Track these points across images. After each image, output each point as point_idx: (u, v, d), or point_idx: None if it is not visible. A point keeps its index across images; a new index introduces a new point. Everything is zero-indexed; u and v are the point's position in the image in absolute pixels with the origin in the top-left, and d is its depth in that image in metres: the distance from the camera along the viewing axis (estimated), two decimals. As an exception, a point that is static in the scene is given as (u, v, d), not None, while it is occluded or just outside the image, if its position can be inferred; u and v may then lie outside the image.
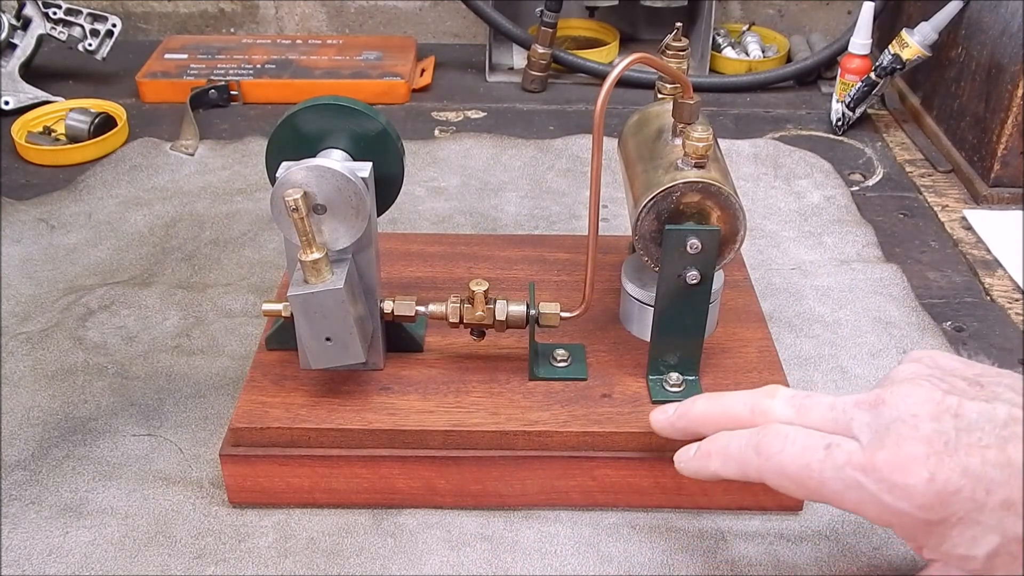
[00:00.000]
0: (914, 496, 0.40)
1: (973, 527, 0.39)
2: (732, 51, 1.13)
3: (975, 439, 0.39)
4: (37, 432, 0.60)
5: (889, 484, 0.40)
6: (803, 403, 0.45)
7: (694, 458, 0.48)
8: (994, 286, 0.75)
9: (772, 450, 0.43)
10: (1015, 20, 0.82)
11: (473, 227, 0.82)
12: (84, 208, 0.84)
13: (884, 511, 0.41)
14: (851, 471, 0.41)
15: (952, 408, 0.41)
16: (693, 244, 0.51)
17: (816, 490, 0.42)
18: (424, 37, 1.22)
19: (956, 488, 0.39)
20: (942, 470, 0.39)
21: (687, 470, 0.48)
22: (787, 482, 0.43)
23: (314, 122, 0.53)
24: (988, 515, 0.39)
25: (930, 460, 0.39)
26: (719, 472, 0.46)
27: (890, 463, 0.40)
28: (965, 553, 0.40)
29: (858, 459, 0.41)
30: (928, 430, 0.40)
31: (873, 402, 0.42)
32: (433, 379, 0.56)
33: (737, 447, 0.45)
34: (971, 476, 0.39)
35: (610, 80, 0.47)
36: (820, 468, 0.42)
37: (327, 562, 0.51)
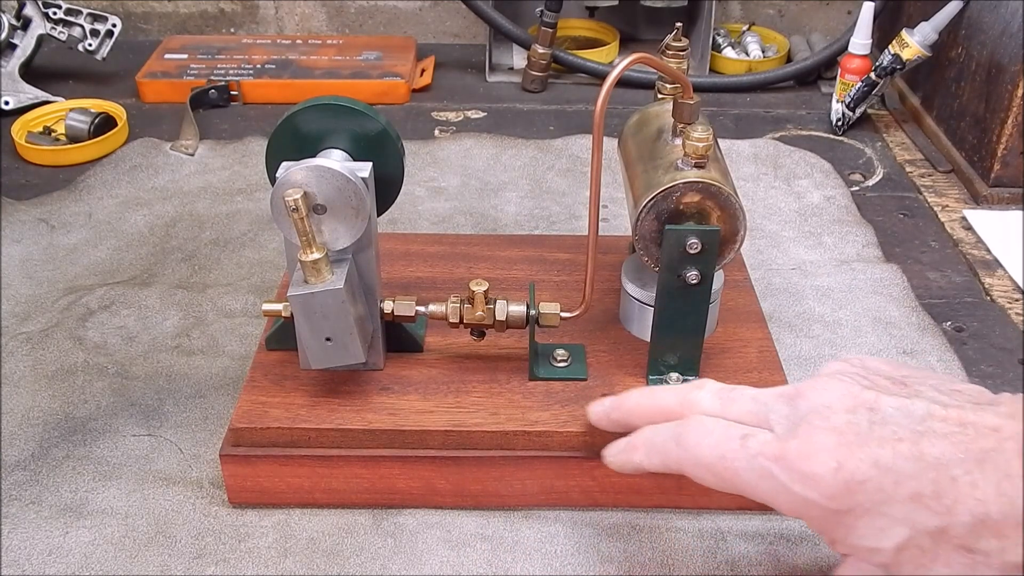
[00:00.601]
0: (821, 485, 0.40)
1: (880, 519, 0.39)
2: (732, 51, 1.13)
3: (888, 432, 0.39)
4: (37, 432, 0.60)
5: (797, 473, 0.40)
6: (728, 396, 0.45)
7: (622, 451, 0.48)
8: (994, 286, 0.75)
9: (691, 441, 0.44)
10: (1015, 20, 0.82)
11: (473, 227, 0.82)
12: (84, 208, 0.84)
13: (794, 501, 0.41)
14: (763, 461, 0.41)
15: (868, 402, 0.41)
16: (693, 244, 0.51)
17: (731, 480, 0.42)
18: (424, 37, 1.22)
19: (864, 478, 0.39)
20: (850, 460, 0.39)
21: (614, 463, 0.48)
22: (705, 472, 0.43)
23: (314, 122, 0.53)
24: (896, 507, 0.39)
25: (839, 450, 0.39)
26: (643, 464, 0.47)
27: (799, 452, 0.40)
28: (873, 545, 0.39)
29: (770, 449, 0.41)
30: (840, 421, 0.40)
31: (792, 395, 0.43)
32: (433, 379, 0.56)
33: (660, 439, 0.46)
34: (880, 467, 0.39)
35: (610, 80, 0.47)
36: (734, 458, 0.42)
37: (327, 562, 0.51)
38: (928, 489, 0.38)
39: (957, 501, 0.38)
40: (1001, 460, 0.38)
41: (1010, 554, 0.37)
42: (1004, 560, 0.37)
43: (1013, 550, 0.37)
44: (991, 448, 0.38)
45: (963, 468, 0.38)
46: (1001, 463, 0.37)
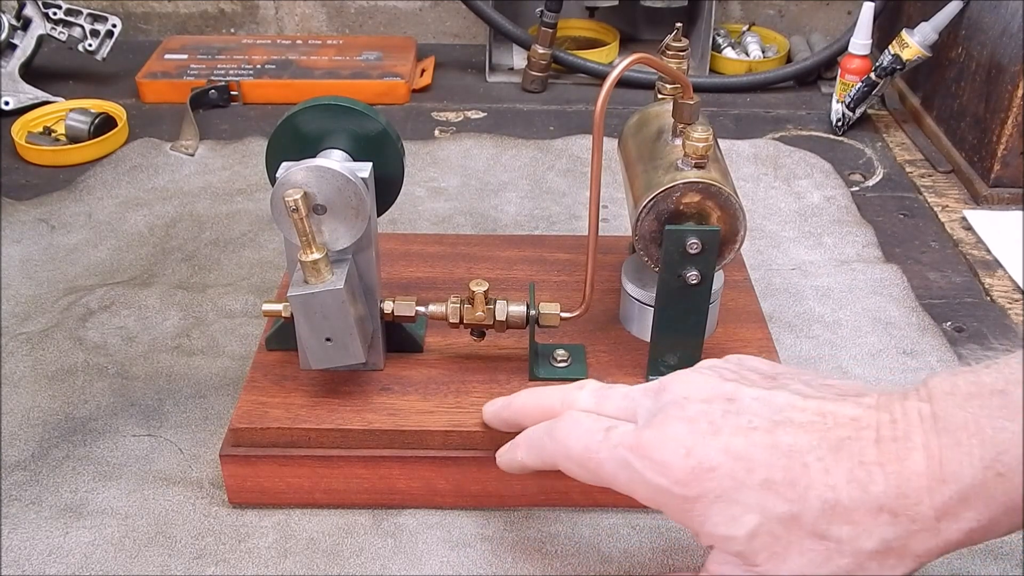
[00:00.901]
0: (671, 472, 0.40)
1: (732, 506, 0.39)
2: (732, 51, 1.14)
3: (744, 421, 0.40)
4: (37, 432, 0.60)
5: (650, 461, 0.41)
6: (603, 393, 0.46)
7: (507, 450, 0.49)
8: (994, 286, 0.75)
9: (562, 435, 0.45)
10: (1015, 20, 0.82)
11: (473, 227, 0.82)
12: (84, 208, 0.84)
13: (649, 489, 0.41)
14: (622, 451, 0.42)
15: (727, 393, 0.41)
16: (693, 244, 0.51)
17: (596, 471, 0.43)
18: (424, 37, 1.22)
19: (713, 465, 0.39)
20: (700, 447, 0.40)
21: (501, 463, 0.50)
22: (573, 465, 0.44)
23: (314, 122, 0.53)
24: (747, 494, 0.39)
25: (689, 437, 0.40)
26: (524, 461, 0.48)
27: (652, 441, 0.41)
28: (726, 533, 0.39)
29: (628, 439, 0.42)
30: (694, 411, 0.41)
31: (656, 388, 0.44)
32: (433, 379, 0.56)
33: (536, 434, 0.47)
34: (731, 455, 0.39)
35: (610, 80, 0.47)
36: (597, 449, 0.43)
37: (327, 562, 0.51)
38: (780, 476, 0.38)
39: (808, 487, 0.38)
40: (856, 448, 0.38)
41: (864, 541, 0.37)
42: (857, 547, 0.37)
43: (866, 537, 0.37)
44: (847, 436, 0.38)
45: (816, 455, 0.38)
46: (855, 450, 0.38)
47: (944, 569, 0.51)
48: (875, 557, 0.37)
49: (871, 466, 0.37)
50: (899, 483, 0.37)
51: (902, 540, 0.37)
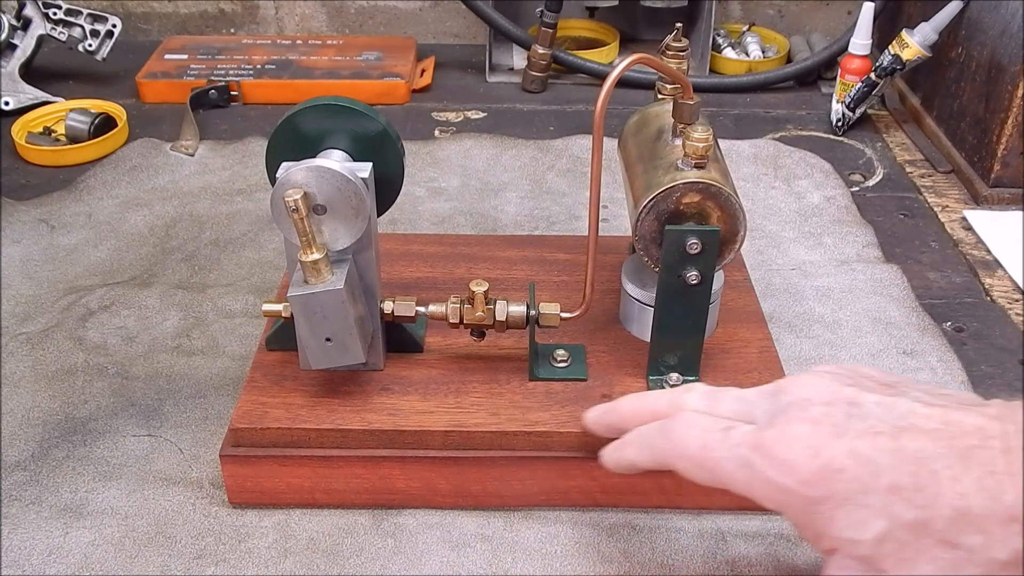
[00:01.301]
0: (797, 471, 0.40)
1: (859, 510, 0.39)
2: (732, 51, 1.14)
3: (868, 426, 0.39)
4: (37, 432, 0.60)
5: (774, 460, 0.40)
6: (715, 395, 0.46)
7: (616, 449, 0.49)
8: (994, 286, 0.75)
9: (678, 434, 0.44)
10: (1015, 20, 0.82)
11: (473, 227, 0.82)
12: (84, 208, 0.84)
13: (771, 489, 0.41)
14: (742, 450, 0.41)
15: (849, 397, 0.41)
16: (693, 244, 0.51)
17: (713, 471, 0.43)
18: (424, 37, 1.22)
19: (840, 467, 0.39)
20: (827, 448, 0.39)
21: (608, 461, 0.49)
22: (689, 464, 0.44)
23: (314, 122, 0.53)
24: (875, 498, 0.38)
25: (815, 438, 0.40)
26: (635, 460, 0.47)
27: (776, 440, 0.40)
28: (852, 537, 0.39)
29: (749, 438, 0.41)
30: (818, 412, 0.40)
31: (773, 391, 0.43)
32: (433, 379, 0.56)
33: (650, 433, 0.47)
34: (858, 458, 0.39)
35: (610, 80, 0.47)
36: (716, 448, 0.42)
37: (327, 562, 0.51)
38: (907, 481, 0.38)
39: (938, 495, 0.37)
40: (985, 457, 0.37)
41: (995, 551, 0.37)
42: (989, 557, 0.37)
43: (998, 547, 0.37)
44: (975, 445, 0.38)
45: (944, 463, 0.37)
46: (985, 459, 0.37)
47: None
48: (1007, 568, 0.37)
49: (1001, 476, 0.37)
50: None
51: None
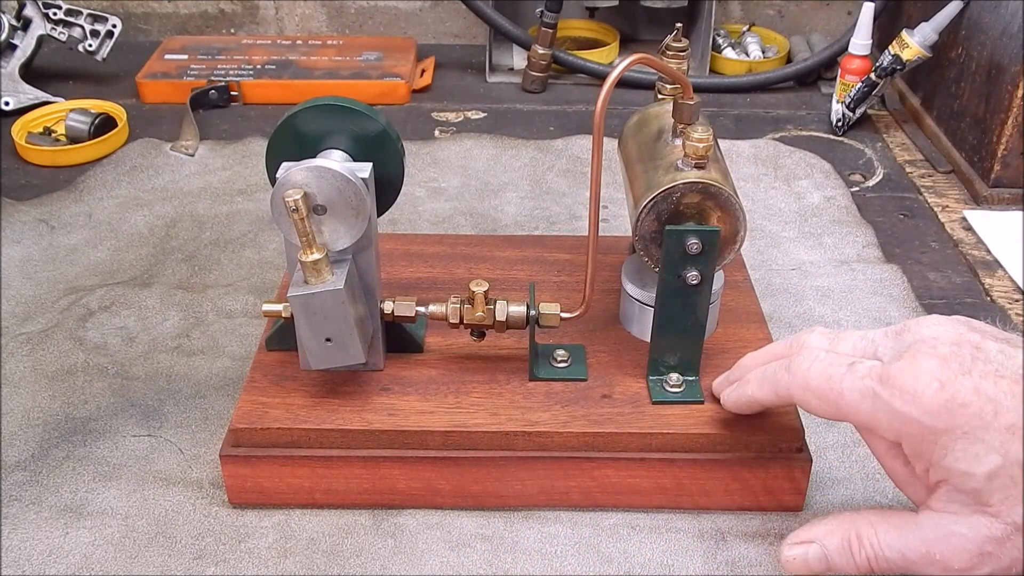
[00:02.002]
0: (922, 401, 0.41)
1: (977, 444, 0.40)
2: (732, 52, 1.14)
3: (991, 368, 0.41)
4: (37, 433, 0.60)
5: (900, 390, 0.41)
6: (837, 335, 0.47)
7: (736, 387, 0.51)
8: (994, 287, 0.75)
9: (802, 367, 0.46)
10: (1015, 20, 0.82)
11: (473, 228, 0.82)
12: (84, 209, 0.84)
13: (894, 419, 0.42)
14: (868, 381, 0.43)
15: (974, 341, 0.42)
16: (693, 244, 0.51)
17: (835, 402, 0.44)
18: (424, 38, 1.22)
19: (964, 401, 0.40)
20: (953, 383, 0.40)
21: (728, 400, 0.52)
22: (811, 396, 0.45)
23: (314, 123, 0.53)
24: (993, 435, 0.39)
25: (942, 372, 0.41)
26: (755, 395, 0.49)
27: (903, 372, 0.42)
28: (966, 469, 0.40)
29: (876, 371, 0.43)
30: (946, 351, 0.42)
31: (899, 330, 0.45)
32: (433, 380, 0.56)
33: (772, 369, 0.48)
34: (982, 396, 0.40)
35: (610, 81, 0.47)
36: (840, 379, 0.44)
37: (327, 563, 0.51)
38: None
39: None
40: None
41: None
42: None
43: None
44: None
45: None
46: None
47: (944, 569, 0.51)
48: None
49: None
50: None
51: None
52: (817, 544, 0.45)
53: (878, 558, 0.44)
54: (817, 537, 0.46)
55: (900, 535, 0.43)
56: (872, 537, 0.44)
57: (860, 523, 0.45)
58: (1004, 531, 0.40)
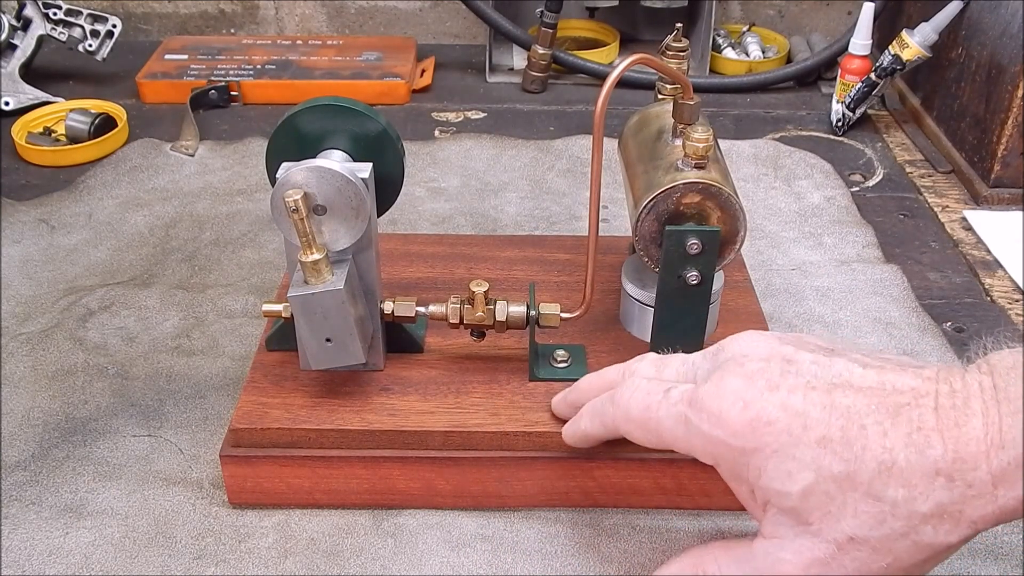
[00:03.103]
0: (728, 424, 0.40)
1: (788, 461, 0.39)
2: (732, 52, 1.14)
3: (802, 381, 0.40)
4: (37, 433, 0.60)
5: (707, 413, 0.41)
6: (663, 361, 0.47)
7: (571, 423, 0.51)
8: (994, 287, 0.75)
9: (624, 398, 0.45)
10: (1015, 20, 0.82)
11: (473, 228, 0.82)
12: (84, 209, 0.84)
13: (706, 443, 0.41)
14: (681, 407, 0.42)
15: (786, 354, 0.42)
16: (693, 245, 0.51)
17: (656, 431, 0.44)
18: (424, 38, 1.22)
19: (771, 419, 0.39)
20: (758, 400, 0.40)
21: (566, 435, 0.51)
22: (634, 427, 0.45)
23: (314, 123, 0.53)
24: (803, 450, 0.39)
25: (747, 391, 0.40)
26: (588, 430, 0.49)
27: (709, 394, 0.41)
28: (780, 488, 0.39)
29: (687, 395, 0.42)
30: (753, 368, 0.41)
31: (716, 350, 0.44)
32: (433, 380, 0.56)
33: (600, 402, 0.48)
34: (789, 411, 0.39)
35: (610, 81, 0.47)
36: (657, 407, 0.43)
37: (327, 563, 0.51)
38: (837, 435, 0.38)
39: (865, 448, 0.38)
40: (914, 414, 0.38)
41: (918, 504, 0.37)
42: (912, 509, 0.37)
43: (921, 500, 0.37)
44: (906, 403, 0.38)
45: (874, 418, 0.38)
46: (914, 416, 0.38)
47: (944, 569, 0.51)
48: (929, 521, 0.37)
49: (929, 432, 0.37)
50: (956, 448, 0.37)
51: (958, 505, 0.37)
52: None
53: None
54: (676, 572, 0.45)
55: (739, 567, 0.42)
56: (715, 571, 0.43)
57: (706, 559, 0.44)
58: (827, 551, 0.39)
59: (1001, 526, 0.53)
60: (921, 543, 0.38)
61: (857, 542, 0.38)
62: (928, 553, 0.38)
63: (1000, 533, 0.53)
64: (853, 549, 0.38)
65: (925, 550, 0.38)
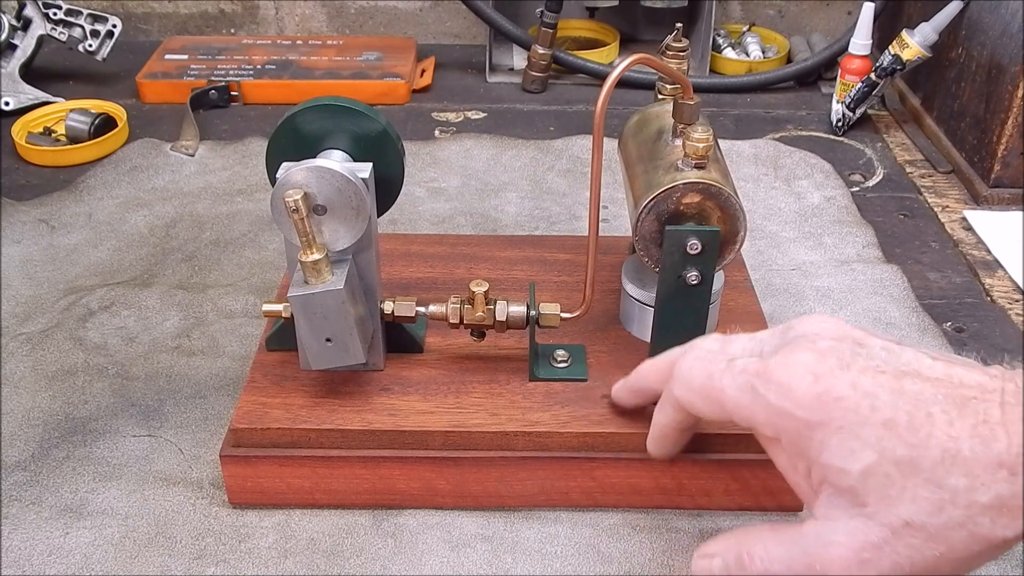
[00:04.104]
0: (795, 395, 0.40)
1: (852, 440, 0.39)
2: (732, 52, 1.14)
3: (872, 364, 0.40)
4: (37, 433, 0.60)
5: (776, 383, 0.41)
6: (728, 337, 0.46)
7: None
8: (994, 287, 0.75)
9: (685, 366, 0.45)
10: (1015, 20, 0.82)
11: (473, 228, 0.82)
12: (84, 209, 0.84)
13: (770, 413, 0.41)
14: (746, 376, 0.42)
15: (858, 338, 0.42)
16: (693, 245, 0.51)
17: (718, 399, 0.43)
18: (424, 38, 1.22)
19: (840, 395, 0.39)
20: (828, 376, 0.40)
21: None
22: (695, 397, 0.45)
23: (314, 123, 0.53)
24: (868, 431, 0.38)
25: (818, 366, 0.40)
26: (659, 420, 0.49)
27: (779, 365, 0.41)
28: (841, 465, 0.39)
29: (753, 366, 0.42)
30: (825, 346, 0.41)
31: (784, 328, 0.44)
32: (433, 380, 0.56)
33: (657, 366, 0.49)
34: (858, 390, 0.39)
35: (610, 81, 0.47)
36: (721, 376, 0.43)
37: (327, 563, 0.51)
38: (903, 419, 0.38)
39: (930, 435, 0.38)
40: (981, 407, 0.38)
41: (979, 494, 0.37)
42: (971, 499, 0.37)
43: (982, 490, 0.37)
44: (973, 397, 0.38)
45: (941, 407, 0.38)
46: (980, 410, 0.38)
47: (944, 569, 0.51)
48: (988, 512, 0.37)
49: (995, 425, 0.37)
50: (1020, 442, 0.36)
51: (1017, 499, 0.37)
52: (720, 558, 0.44)
53: (768, 574, 0.42)
54: (719, 552, 0.44)
55: (786, 549, 0.42)
56: (762, 553, 0.42)
57: (752, 539, 0.43)
58: (881, 534, 0.38)
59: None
60: (977, 534, 0.37)
61: (913, 528, 0.38)
62: (983, 546, 0.38)
63: (1000, 533, 0.53)
64: (908, 535, 0.38)
65: (980, 542, 0.38)
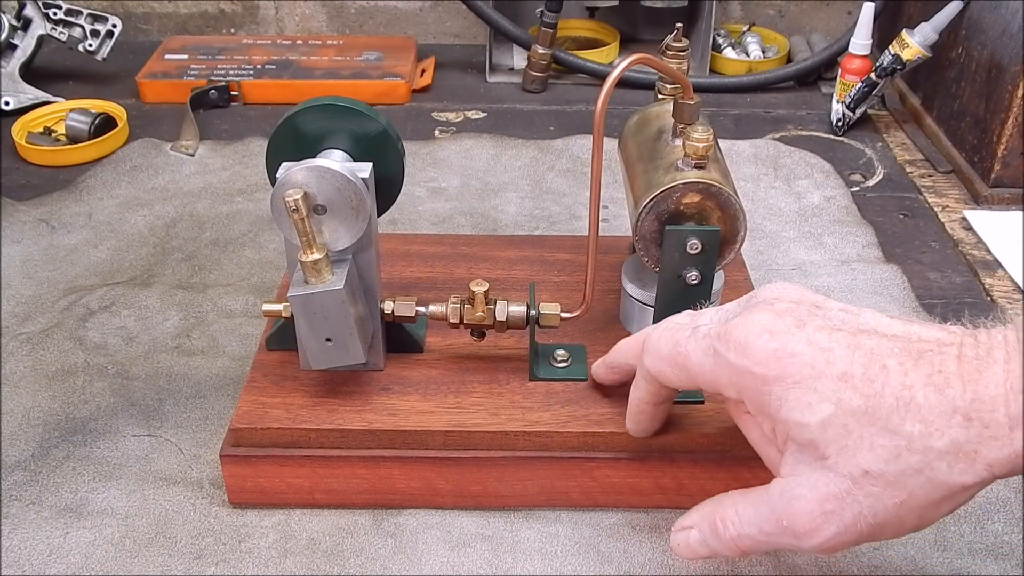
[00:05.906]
0: (753, 352, 0.41)
1: (809, 393, 0.40)
2: (732, 51, 1.14)
3: (829, 323, 0.41)
4: (37, 432, 0.60)
5: (734, 343, 0.42)
6: (698, 312, 0.47)
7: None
8: (994, 286, 0.75)
9: (654, 339, 0.46)
10: (1015, 20, 0.82)
11: (473, 228, 0.82)
12: (84, 208, 0.84)
13: (732, 373, 0.42)
14: (708, 340, 0.43)
15: (816, 301, 0.43)
16: (693, 244, 0.51)
17: (684, 365, 0.44)
18: (424, 37, 1.22)
19: (795, 351, 0.40)
20: (784, 333, 0.41)
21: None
22: (664, 365, 0.46)
23: (314, 122, 0.53)
24: (825, 383, 0.39)
25: (774, 324, 0.41)
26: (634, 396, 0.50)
27: (737, 326, 0.42)
28: (799, 419, 0.40)
29: (715, 330, 0.43)
30: (782, 307, 0.42)
31: (747, 297, 0.45)
32: (433, 380, 0.56)
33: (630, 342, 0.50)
34: (814, 346, 0.40)
35: (610, 81, 0.47)
36: (686, 342, 0.44)
37: (327, 562, 0.51)
38: (858, 371, 0.39)
39: (885, 385, 0.38)
40: (936, 359, 0.38)
41: (934, 440, 0.37)
42: (927, 445, 0.38)
43: (936, 436, 0.37)
44: (928, 350, 0.39)
45: (896, 360, 0.39)
46: (936, 361, 0.38)
47: (944, 569, 0.51)
48: (944, 457, 0.38)
49: (950, 375, 0.38)
50: (976, 390, 0.37)
51: (973, 444, 0.37)
52: (696, 529, 0.45)
53: (741, 537, 0.43)
54: (695, 523, 0.45)
55: (756, 510, 0.43)
56: (734, 517, 0.44)
57: (724, 505, 0.44)
58: (842, 485, 0.39)
59: (1001, 525, 0.53)
60: (935, 480, 0.38)
61: (872, 476, 0.39)
62: (943, 492, 0.38)
63: (1000, 533, 0.53)
64: (868, 484, 0.39)
65: (940, 488, 0.38)
